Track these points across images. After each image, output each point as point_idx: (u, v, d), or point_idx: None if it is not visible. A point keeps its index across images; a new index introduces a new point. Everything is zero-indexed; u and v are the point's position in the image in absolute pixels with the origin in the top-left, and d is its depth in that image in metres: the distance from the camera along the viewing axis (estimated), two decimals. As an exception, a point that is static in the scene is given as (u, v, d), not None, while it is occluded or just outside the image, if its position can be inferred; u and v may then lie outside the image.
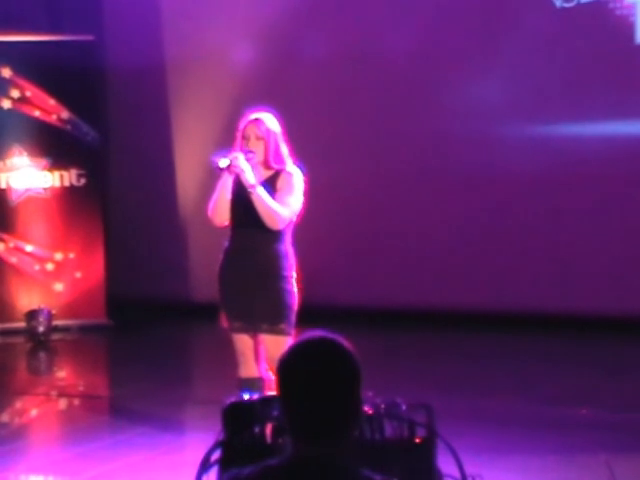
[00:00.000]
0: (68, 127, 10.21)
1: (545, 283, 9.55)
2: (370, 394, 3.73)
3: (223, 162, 5.61)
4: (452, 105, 9.76)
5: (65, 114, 10.20)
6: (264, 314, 5.64)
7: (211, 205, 5.77)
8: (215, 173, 5.75)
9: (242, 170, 5.59)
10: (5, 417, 7.62)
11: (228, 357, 5.90)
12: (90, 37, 10.24)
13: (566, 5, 9.37)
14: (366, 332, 8.52)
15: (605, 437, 6.39)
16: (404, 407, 3.88)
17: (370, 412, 3.79)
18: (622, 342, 8.89)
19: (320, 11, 10.20)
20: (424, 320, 9.68)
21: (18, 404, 7.93)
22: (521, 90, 9.57)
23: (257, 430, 3.83)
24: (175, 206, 10.89)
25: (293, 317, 5.67)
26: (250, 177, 5.61)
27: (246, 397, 4.10)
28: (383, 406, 3.83)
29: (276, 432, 3.77)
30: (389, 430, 3.83)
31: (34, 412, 7.80)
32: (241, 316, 5.69)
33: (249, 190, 5.60)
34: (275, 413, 3.79)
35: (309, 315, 5.82)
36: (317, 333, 2.48)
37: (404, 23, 9.85)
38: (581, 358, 8.57)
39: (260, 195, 5.59)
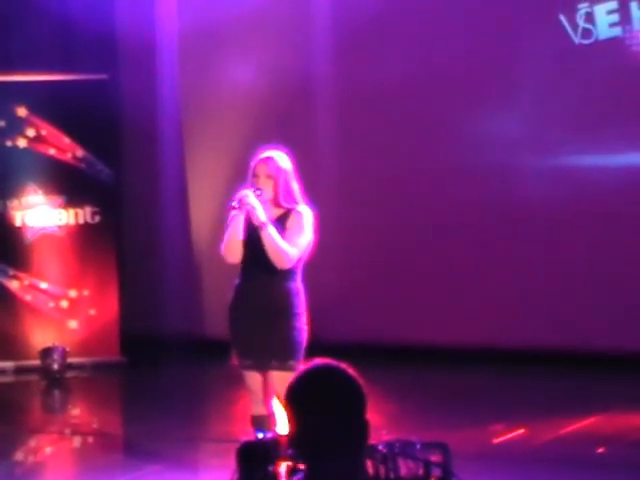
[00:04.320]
0: (83, 165, 10.25)
1: (565, 318, 9.51)
2: (384, 432, 3.72)
3: (233, 201, 5.65)
4: (469, 138, 9.82)
5: (80, 152, 10.25)
6: (274, 351, 5.64)
7: (224, 244, 5.79)
8: (228, 211, 5.78)
9: (253, 207, 5.61)
10: (20, 455, 7.61)
11: (241, 394, 5.89)
12: (104, 76, 10.30)
13: (584, 42, 9.55)
14: (378, 369, 8.48)
15: (620, 477, 6.34)
16: (419, 446, 3.85)
17: (384, 451, 3.77)
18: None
19: (334, 49, 10.25)
20: (438, 357, 9.63)
21: (32, 442, 7.92)
22: (540, 123, 9.65)
23: (271, 469, 3.81)
24: (189, 243, 10.90)
25: (302, 354, 5.67)
26: (261, 214, 5.62)
27: (260, 436, 4.09)
28: (397, 445, 3.81)
29: (290, 472, 3.76)
30: (404, 469, 3.80)
31: (48, 450, 7.79)
32: (251, 354, 5.70)
33: (259, 227, 5.61)
34: (289, 452, 3.77)
35: (319, 352, 5.81)
36: (321, 360, 2.76)
37: (419, 58, 9.89)
38: (600, 395, 8.49)
39: (270, 233, 5.60)
